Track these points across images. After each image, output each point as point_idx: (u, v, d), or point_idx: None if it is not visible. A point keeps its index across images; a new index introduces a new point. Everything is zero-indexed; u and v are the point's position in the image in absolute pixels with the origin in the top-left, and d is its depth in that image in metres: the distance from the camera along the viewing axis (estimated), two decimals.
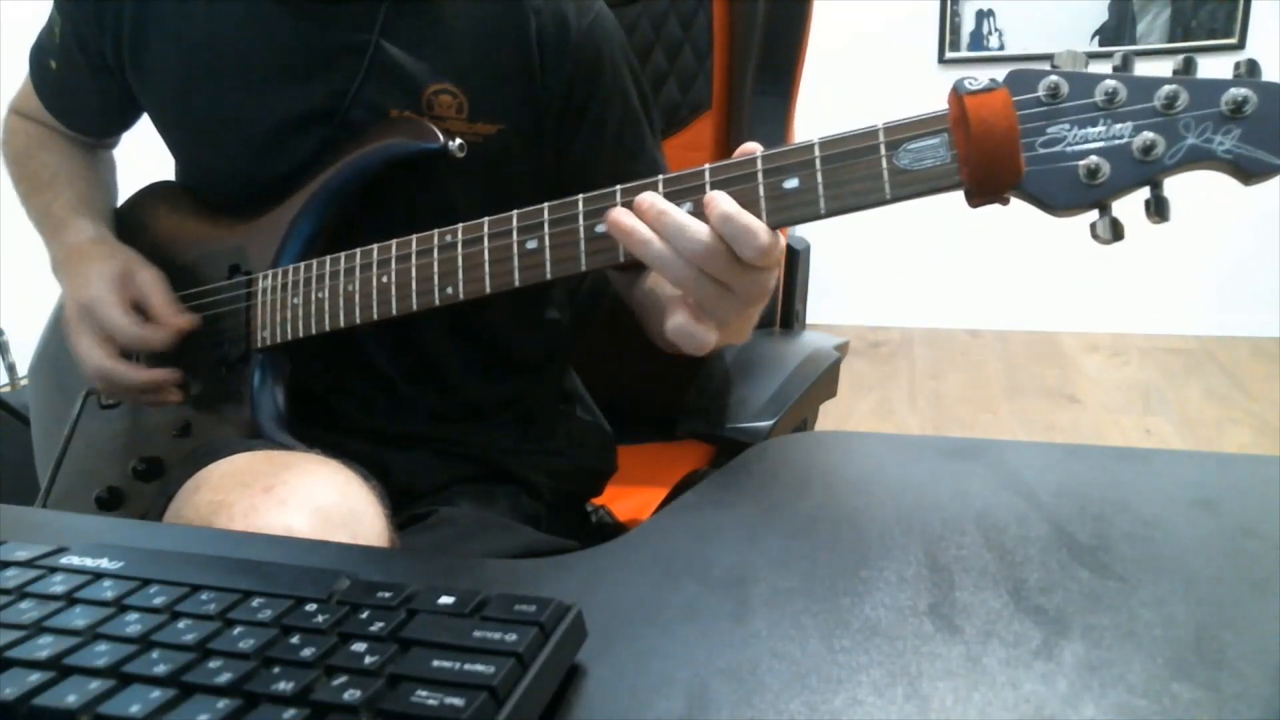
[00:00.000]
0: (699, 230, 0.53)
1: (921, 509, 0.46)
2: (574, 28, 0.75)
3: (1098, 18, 3.27)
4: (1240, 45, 3.17)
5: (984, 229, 3.44)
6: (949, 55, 3.46)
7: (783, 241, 0.56)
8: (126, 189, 0.93)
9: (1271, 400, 2.76)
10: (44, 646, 0.34)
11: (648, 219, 0.55)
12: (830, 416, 1.56)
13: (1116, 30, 3.26)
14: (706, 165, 0.56)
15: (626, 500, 1.00)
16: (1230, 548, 0.41)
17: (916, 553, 0.42)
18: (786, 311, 1.16)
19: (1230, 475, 0.48)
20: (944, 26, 3.44)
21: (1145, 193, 0.48)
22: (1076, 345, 3.37)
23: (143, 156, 0.90)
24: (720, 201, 0.53)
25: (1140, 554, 0.40)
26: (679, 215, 0.54)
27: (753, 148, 0.56)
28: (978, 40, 3.42)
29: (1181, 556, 0.40)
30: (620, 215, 0.56)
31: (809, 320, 1.23)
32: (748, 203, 0.54)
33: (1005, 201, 0.50)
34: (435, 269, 0.65)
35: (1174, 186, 0.48)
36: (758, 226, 0.53)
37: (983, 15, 3.39)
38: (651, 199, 0.55)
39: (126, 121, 0.90)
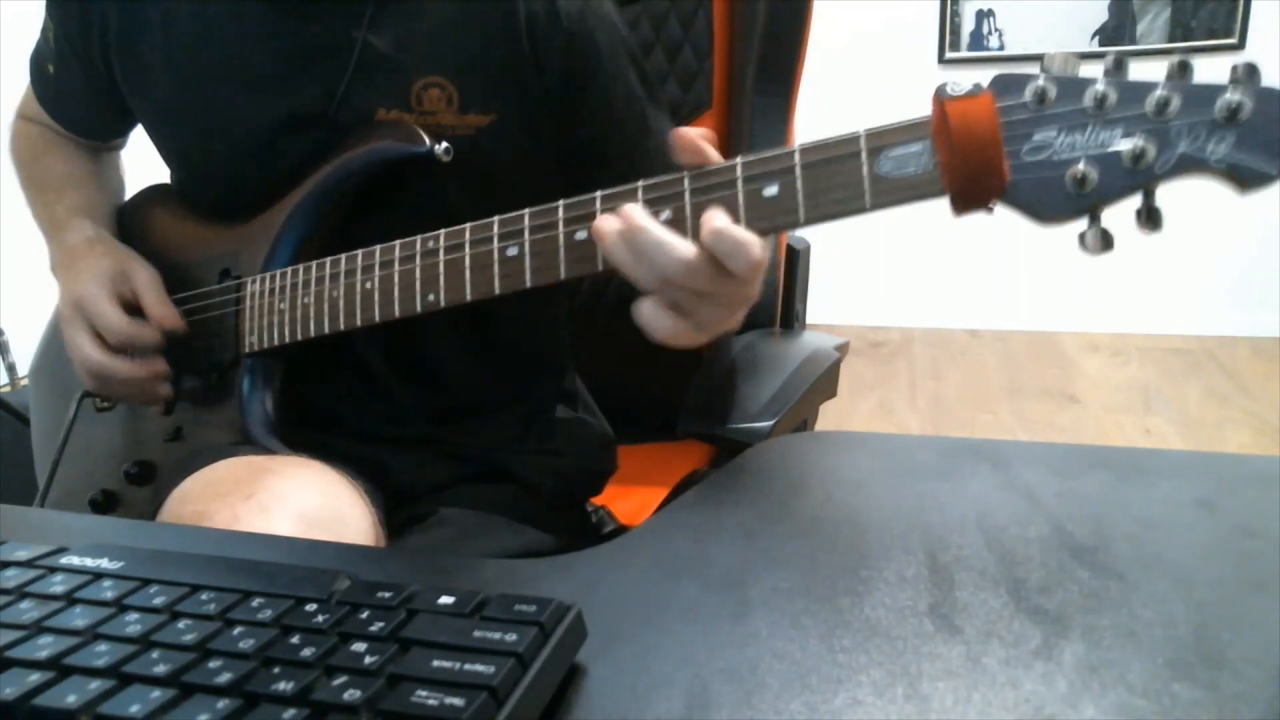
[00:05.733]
0: (676, 248, 0.52)
1: (921, 509, 0.46)
2: (564, 12, 0.74)
3: (1098, 18, 3.26)
4: (1240, 45, 3.17)
5: (984, 229, 3.42)
6: (949, 55, 3.46)
7: (768, 250, 0.55)
8: (133, 190, 0.92)
9: (1271, 400, 2.76)
10: (44, 646, 0.34)
11: (626, 235, 0.54)
12: (830, 416, 1.56)
13: (1116, 30, 3.26)
14: (685, 172, 0.55)
15: (626, 500, 1.00)
16: (1230, 548, 0.41)
17: (916, 553, 0.42)
18: (786, 311, 1.16)
19: (1230, 475, 0.48)
20: (944, 26, 3.44)
21: (1137, 201, 0.47)
22: (1076, 345, 3.37)
23: (149, 158, 0.90)
24: (713, 217, 0.52)
25: (1140, 554, 0.40)
26: (657, 232, 0.53)
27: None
28: (978, 40, 3.42)
29: (1181, 556, 0.40)
30: (603, 223, 0.54)
31: (809, 320, 1.23)
32: (727, 209, 0.53)
33: (990, 210, 0.49)
34: (417, 275, 0.65)
35: (1173, 186, 0.47)
36: (751, 240, 0.52)
37: (983, 15, 3.39)
38: (630, 213, 0.54)
39: (127, 123, 0.90)
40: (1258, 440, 2.51)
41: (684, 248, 0.52)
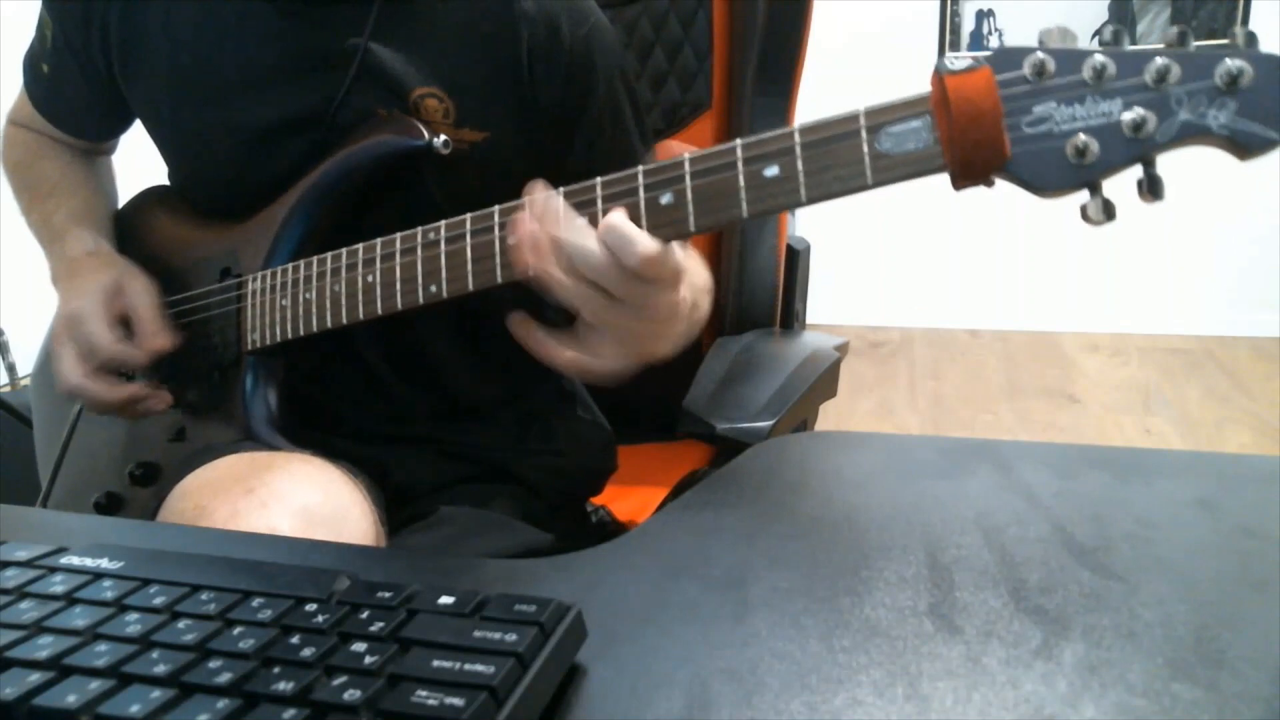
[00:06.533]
0: (587, 237, 0.54)
1: (921, 509, 0.46)
2: (566, 37, 0.74)
3: (1098, 18, 3.27)
4: None
5: (984, 228, 3.44)
6: (949, 55, 3.46)
7: (678, 256, 0.56)
8: (125, 194, 0.92)
9: (1271, 400, 2.76)
10: (44, 646, 0.34)
11: (540, 244, 0.56)
12: (830, 416, 1.56)
13: (1116, 31, 3.26)
14: (686, 155, 0.55)
15: (626, 500, 1.00)
16: (1230, 548, 0.41)
17: (916, 553, 0.42)
18: (786, 311, 1.16)
19: (1230, 475, 0.48)
20: (944, 26, 3.44)
21: (1138, 171, 0.46)
22: (1076, 345, 3.37)
23: (141, 161, 0.90)
24: (610, 215, 0.54)
25: (1140, 554, 0.40)
26: (570, 232, 0.55)
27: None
28: (978, 40, 3.42)
29: (1181, 556, 0.40)
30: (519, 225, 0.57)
31: (809, 320, 1.23)
32: (728, 191, 0.53)
33: (990, 183, 0.49)
34: (419, 267, 0.64)
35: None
36: (638, 236, 0.53)
37: (983, 15, 3.40)
38: (544, 209, 0.56)
39: (122, 124, 0.90)
40: (1258, 440, 2.51)
41: (591, 236, 0.54)
